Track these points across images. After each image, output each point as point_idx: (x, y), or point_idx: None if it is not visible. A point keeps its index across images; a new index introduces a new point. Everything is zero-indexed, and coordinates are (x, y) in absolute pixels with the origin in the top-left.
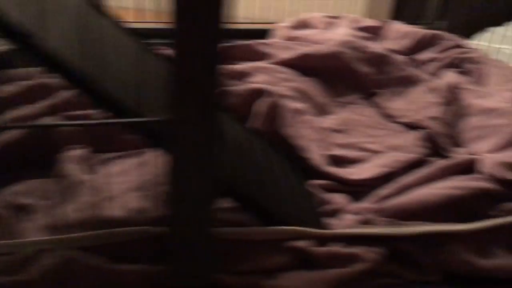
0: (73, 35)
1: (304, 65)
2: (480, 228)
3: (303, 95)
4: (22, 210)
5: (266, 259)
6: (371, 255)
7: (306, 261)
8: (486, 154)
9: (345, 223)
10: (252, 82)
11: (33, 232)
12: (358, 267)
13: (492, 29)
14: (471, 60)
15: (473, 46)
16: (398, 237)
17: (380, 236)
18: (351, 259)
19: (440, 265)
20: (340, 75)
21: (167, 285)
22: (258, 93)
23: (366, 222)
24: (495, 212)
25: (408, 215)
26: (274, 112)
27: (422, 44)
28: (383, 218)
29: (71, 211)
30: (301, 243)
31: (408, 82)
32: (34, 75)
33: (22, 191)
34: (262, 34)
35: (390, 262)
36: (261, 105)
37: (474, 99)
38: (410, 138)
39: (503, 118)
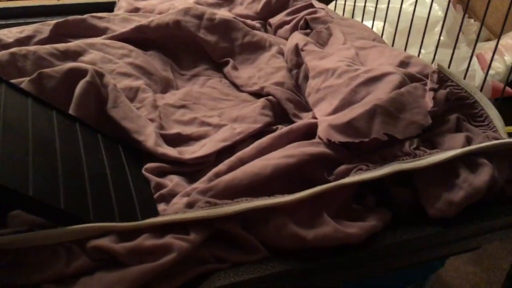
0: None
1: (142, 38)
2: (306, 197)
3: (142, 71)
4: None
5: (64, 264)
6: (179, 244)
7: (114, 261)
8: (323, 116)
9: (173, 208)
10: (83, 61)
11: None
12: (164, 260)
13: None
14: (319, 20)
15: (327, 6)
16: (216, 219)
17: (195, 220)
18: (157, 251)
19: (266, 242)
20: (183, 46)
21: None
22: (80, 73)
23: (190, 205)
24: (332, 177)
25: (240, 191)
26: (99, 93)
27: (274, 7)
28: (206, 199)
29: None
30: (102, 241)
31: (258, 48)
32: None
33: None
34: (110, 7)
35: (212, 246)
36: (82, 87)
37: (315, 60)
38: (256, 107)
39: (340, 78)
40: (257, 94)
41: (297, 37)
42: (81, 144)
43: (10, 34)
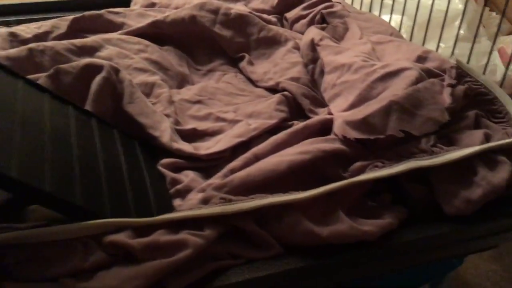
0: None
1: (158, 33)
2: (321, 194)
3: (158, 67)
4: None
5: (81, 259)
6: (194, 240)
7: (129, 256)
8: (338, 112)
9: (189, 204)
10: (100, 57)
11: None
12: (179, 255)
13: None
14: (335, 15)
15: (344, 0)
16: (231, 215)
17: (209, 217)
18: (173, 247)
19: (280, 238)
20: (199, 41)
21: None
22: (96, 69)
23: (205, 201)
24: (347, 173)
25: (255, 187)
26: (115, 89)
27: (290, 1)
28: (221, 195)
29: None
30: (118, 236)
31: (273, 43)
32: None
33: None
34: (127, 1)
35: (227, 243)
36: (98, 83)
37: (331, 55)
38: (271, 103)
39: (356, 73)
40: (273, 90)
41: (313, 32)
42: (97, 140)
43: (28, 29)
